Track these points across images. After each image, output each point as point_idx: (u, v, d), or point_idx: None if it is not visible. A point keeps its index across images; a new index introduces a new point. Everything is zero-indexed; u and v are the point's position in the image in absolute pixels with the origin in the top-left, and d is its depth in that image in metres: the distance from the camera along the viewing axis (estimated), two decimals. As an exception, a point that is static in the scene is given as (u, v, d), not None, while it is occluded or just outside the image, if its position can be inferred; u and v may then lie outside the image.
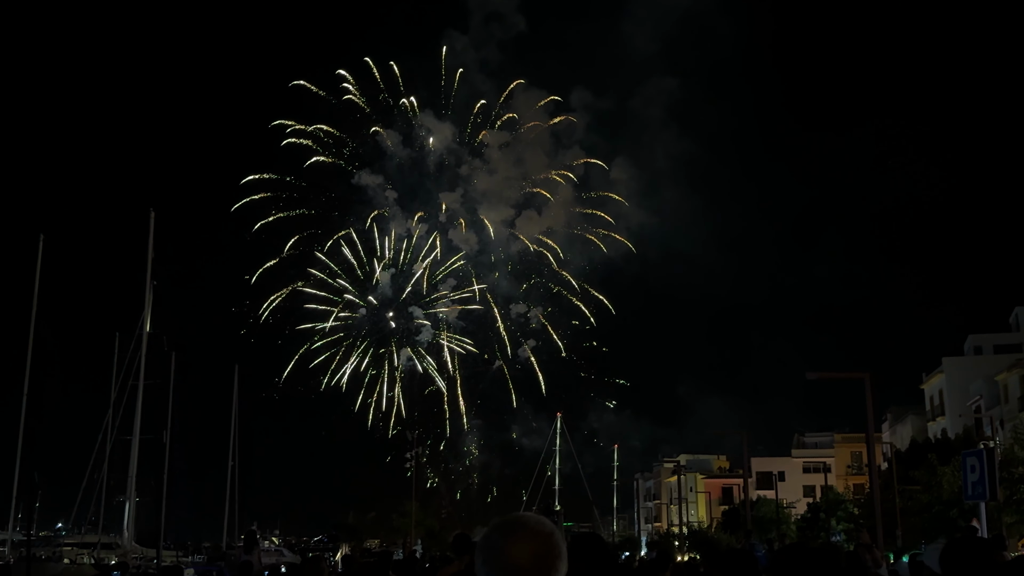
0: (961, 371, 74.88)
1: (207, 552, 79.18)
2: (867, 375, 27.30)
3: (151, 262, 58.41)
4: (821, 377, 33.08)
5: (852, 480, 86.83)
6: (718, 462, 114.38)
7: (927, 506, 45.70)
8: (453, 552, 13.33)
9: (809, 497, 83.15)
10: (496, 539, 2.77)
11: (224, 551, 68.82)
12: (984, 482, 17.75)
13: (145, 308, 57.11)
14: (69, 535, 63.26)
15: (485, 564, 2.76)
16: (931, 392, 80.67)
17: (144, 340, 56.55)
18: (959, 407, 71.54)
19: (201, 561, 66.47)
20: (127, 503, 59.30)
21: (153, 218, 59.63)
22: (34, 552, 46.51)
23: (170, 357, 58.17)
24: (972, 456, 18.79)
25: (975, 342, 79.93)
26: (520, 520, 2.81)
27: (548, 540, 2.75)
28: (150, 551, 54.92)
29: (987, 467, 17.79)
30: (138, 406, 57.35)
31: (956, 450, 44.05)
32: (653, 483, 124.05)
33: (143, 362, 56.62)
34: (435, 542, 79.66)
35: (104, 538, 60.58)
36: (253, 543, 21.02)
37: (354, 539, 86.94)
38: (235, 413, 78.00)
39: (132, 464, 57.65)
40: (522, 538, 2.74)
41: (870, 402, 27.02)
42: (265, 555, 54.82)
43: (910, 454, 56.43)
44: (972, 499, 19.15)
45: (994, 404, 67.29)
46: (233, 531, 76.54)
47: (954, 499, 41.04)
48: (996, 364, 69.50)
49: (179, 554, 68.97)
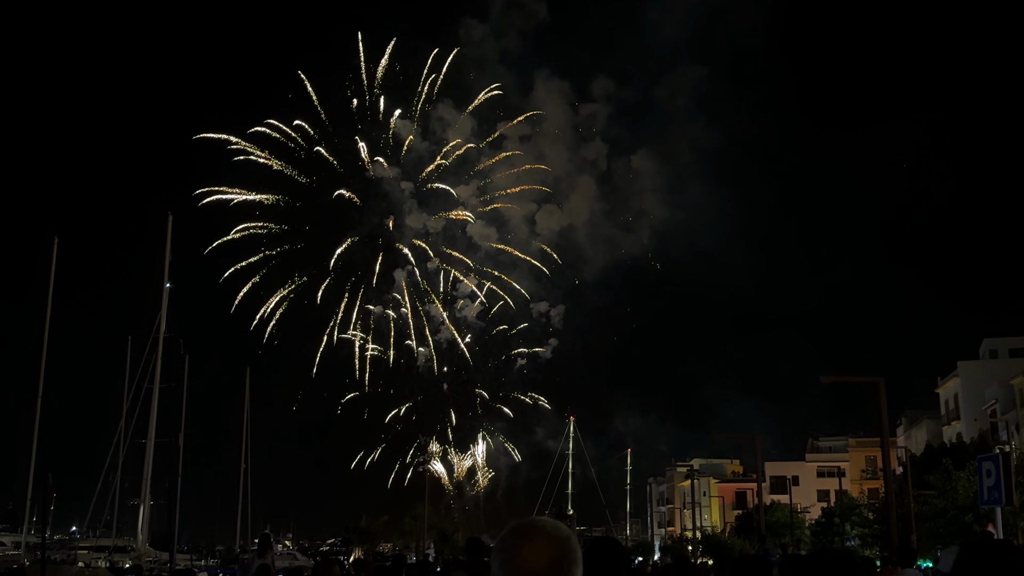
0: (976, 375, 74.51)
1: (220, 555, 79.44)
2: (881, 379, 27.22)
3: (168, 265, 58.67)
4: (835, 381, 32.99)
5: (867, 485, 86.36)
6: (731, 466, 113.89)
7: (942, 511, 45.43)
8: (465, 556, 13.33)
9: (823, 502, 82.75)
10: (512, 543, 2.75)
11: (237, 554, 69.00)
12: (1000, 487, 17.63)
13: (161, 311, 57.33)
14: (84, 538, 63.55)
15: (500, 568, 2.73)
16: (946, 396, 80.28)
17: (160, 343, 56.76)
18: (974, 411, 71.18)
19: (215, 564, 66.68)
20: (141, 506, 59.48)
21: (171, 221, 59.93)
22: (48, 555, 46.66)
23: (184, 360, 58.44)
24: (988, 461, 18.66)
25: (990, 346, 79.48)
26: (536, 524, 2.78)
27: (564, 544, 2.73)
28: (164, 554, 55.08)
29: (1003, 472, 17.67)
30: (153, 409, 57.53)
31: (971, 455, 43.78)
32: (666, 487, 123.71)
33: (159, 365, 56.83)
34: (447, 545, 79.67)
35: (118, 541, 60.84)
36: (267, 546, 21.01)
37: (367, 542, 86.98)
38: (247, 415, 78.18)
39: (147, 467, 57.84)
40: (538, 542, 2.72)
41: (884, 407, 26.92)
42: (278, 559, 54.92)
43: (925, 459, 56.14)
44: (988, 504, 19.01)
45: (1009, 408, 66.92)
46: (246, 534, 76.71)
47: (969, 504, 40.81)
48: (1011, 368, 69.12)
49: (193, 557, 69.23)
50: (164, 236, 59.26)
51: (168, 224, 59.67)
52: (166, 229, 59.57)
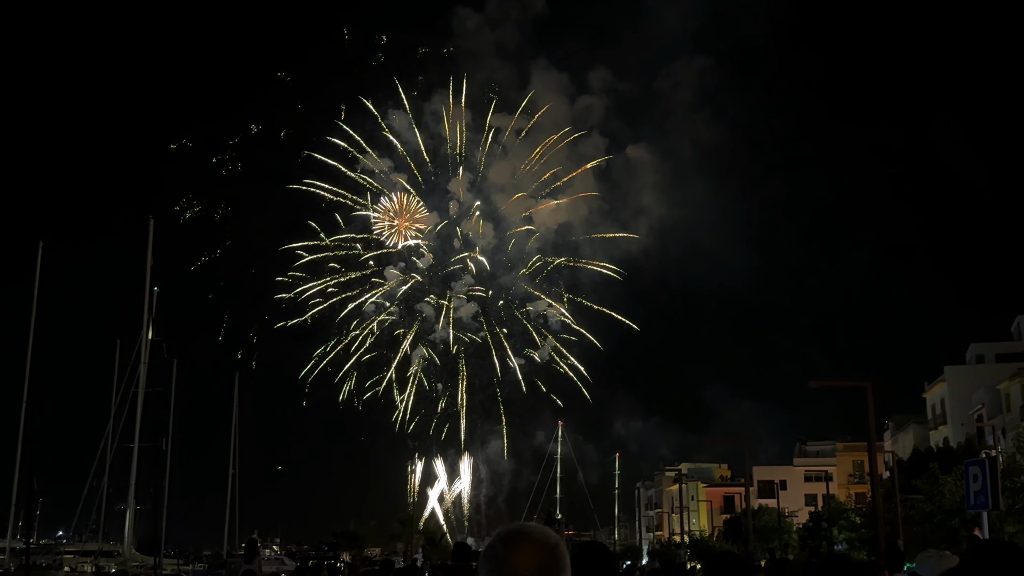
0: (963, 380, 74.74)
1: (207, 560, 79.04)
2: (869, 383, 27.27)
3: (150, 269, 58.48)
4: (823, 385, 33.07)
5: (854, 489, 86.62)
6: (720, 470, 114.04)
7: (929, 515, 45.59)
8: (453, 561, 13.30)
9: (811, 506, 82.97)
10: (499, 549, 2.73)
11: (225, 559, 68.70)
12: (987, 491, 17.65)
13: (145, 315, 57.14)
14: (70, 543, 63.19)
15: (489, 574, 2.71)
16: (933, 401, 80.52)
17: (145, 348, 56.57)
18: (961, 416, 71.39)
19: (201, 569, 66.36)
20: (127, 511, 59.22)
21: (152, 225, 59.78)
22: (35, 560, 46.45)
23: (171, 365, 58.27)
24: (974, 465, 18.66)
25: (977, 351, 79.79)
26: (524, 530, 2.76)
27: (553, 551, 2.71)
28: (150, 559, 54.86)
29: (989, 476, 17.68)
30: (139, 414, 57.31)
31: (958, 459, 43.96)
32: (655, 492, 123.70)
33: (144, 369, 56.64)
34: (436, 550, 79.54)
35: (104, 546, 60.51)
36: (254, 551, 20.93)
37: (355, 547, 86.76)
38: (235, 420, 77.99)
39: (132, 471, 57.61)
40: (526, 548, 2.70)
41: (872, 411, 26.98)
42: (266, 564, 54.77)
43: (912, 463, 56.29)
44: (974, 508, 19.02)
45: (996, 413, 67.15)
46: (234, 539, 76.46)
47: (956, 508, 40.95)
48: (998, 373, 69.36)
49: (180, 562, 68.94)
50: (147, 241, 59.19)
51: (150, 229, 59.56)
52: (148, 234, 59.48)
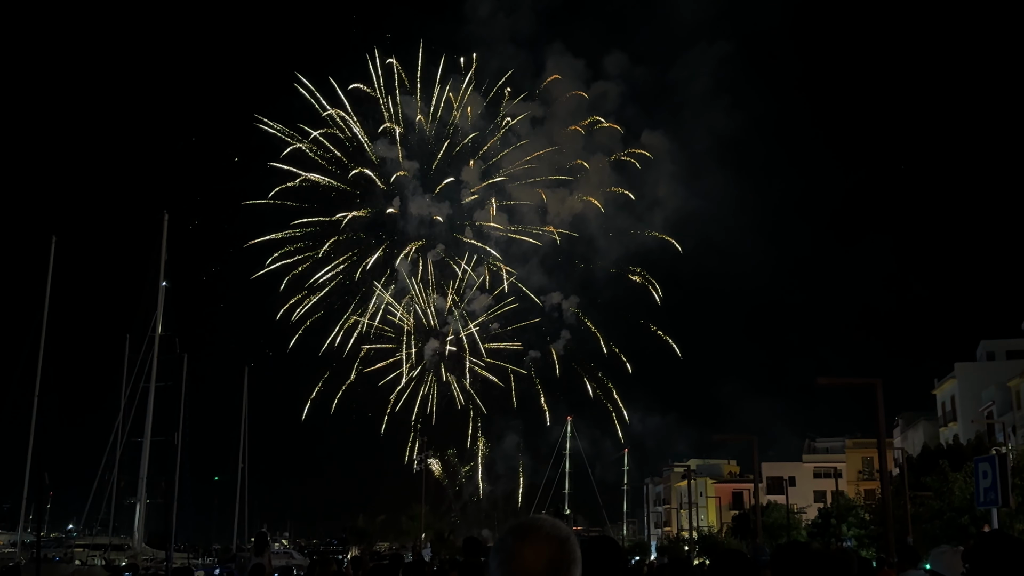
0: (973, 377, 74.56)
1: (217, 554, 79.33)
2: (878, 382, 27.16)
3: (164, 264, 58.62)
4: (832, 383, 32.95)
5: (863, 486, 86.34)
6: (728, 467, 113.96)
7: (939, 512, 45.42)
8: (463, 556, 13.33)
9: (820, 503, 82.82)
10: (510, 542, 2.72)
11: (234, 553, 68.94)
12: (996, 488, 17.66)
13: (157, 310, 57.31)
14: (80, 536, 63.49)
15: (499, 568, 2.71)
16: (943, 398, 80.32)
17: (156, 342, 56.76)
18: (971, 413, 71.23)
19: (211, 563, 66.60)
20: (138, 505, 59.44)
21: (166, 220, 59.86)
22: (45, 553, 46.70)
23: (182, 359, 58.43)
24: (984, 462, 18.67)
25: (987, 348, 79.55)
26: (535, 524, 2.76)
27: (564, 545, 2.71)
28: (160, 553, 55.10)
29: (999, 473, 17.69)
30: (149, 408, 57.49)
31: (968, 456, 43.81)
32: (663, 488, 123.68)
33: (155, 364, 56.83)
34: (444, 545, 79.69)
35: (115, 540, 60.76)
36: (264, 545, 20.97)
37: (364, 542, 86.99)
38: (245, 415, 78.24)
39: (143, 466, 57.80)
40: (537, 542, 2.70)
41: (881, 409, 26.88)
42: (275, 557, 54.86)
43: (922, 460, 56.11)
44: (984, 506, 19.04)
45: (1006, 410, 66.95)
46: (243, 533, 76.68)
47: (966, 505, 40.80)
48: (1008, 370, 69.16)
49: (189, 556, 69.17)
50: (160, 235, 59.26)
51: (164, 224, 59.63)
52: (162, 228, 59.55)
